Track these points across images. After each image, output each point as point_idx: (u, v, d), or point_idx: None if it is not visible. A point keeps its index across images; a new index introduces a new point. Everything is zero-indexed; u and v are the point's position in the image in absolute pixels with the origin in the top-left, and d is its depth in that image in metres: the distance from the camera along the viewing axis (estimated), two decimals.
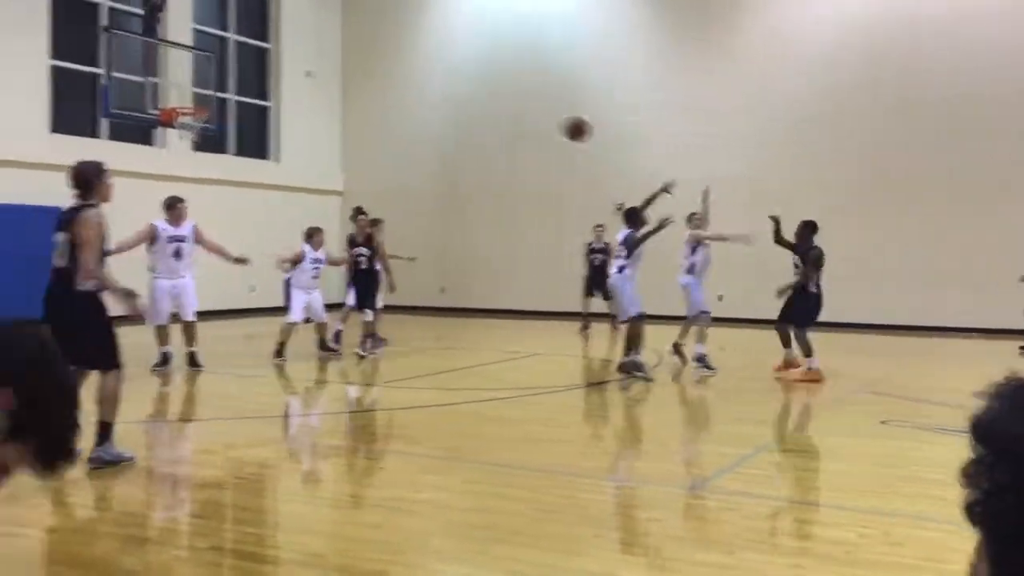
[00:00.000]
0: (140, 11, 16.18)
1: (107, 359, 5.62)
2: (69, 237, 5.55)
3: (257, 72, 19.89)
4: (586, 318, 15.71)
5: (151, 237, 10.48)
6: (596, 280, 15.60)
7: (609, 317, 14.93)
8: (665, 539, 4.32)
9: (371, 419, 7.74)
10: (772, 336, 10.67)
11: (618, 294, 10.60)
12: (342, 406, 8.69)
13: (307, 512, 5.08)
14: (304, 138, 20.39)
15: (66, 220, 5.66)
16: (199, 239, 10.54)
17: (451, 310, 19.00)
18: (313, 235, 12.21)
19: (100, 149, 16.27)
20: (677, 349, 11.13)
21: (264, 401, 8.71)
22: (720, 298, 17.38)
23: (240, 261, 10.42)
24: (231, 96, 18.97)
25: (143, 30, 15.83)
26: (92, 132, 16.45)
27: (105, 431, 5.62)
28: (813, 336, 10.09)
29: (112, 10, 16.59)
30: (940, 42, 16.20)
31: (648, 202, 10.95)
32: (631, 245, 10.36)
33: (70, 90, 15.95)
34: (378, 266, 12.22)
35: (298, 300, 11.64)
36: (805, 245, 10.37)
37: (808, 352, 10.00)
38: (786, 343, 10.41)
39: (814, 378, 9.86)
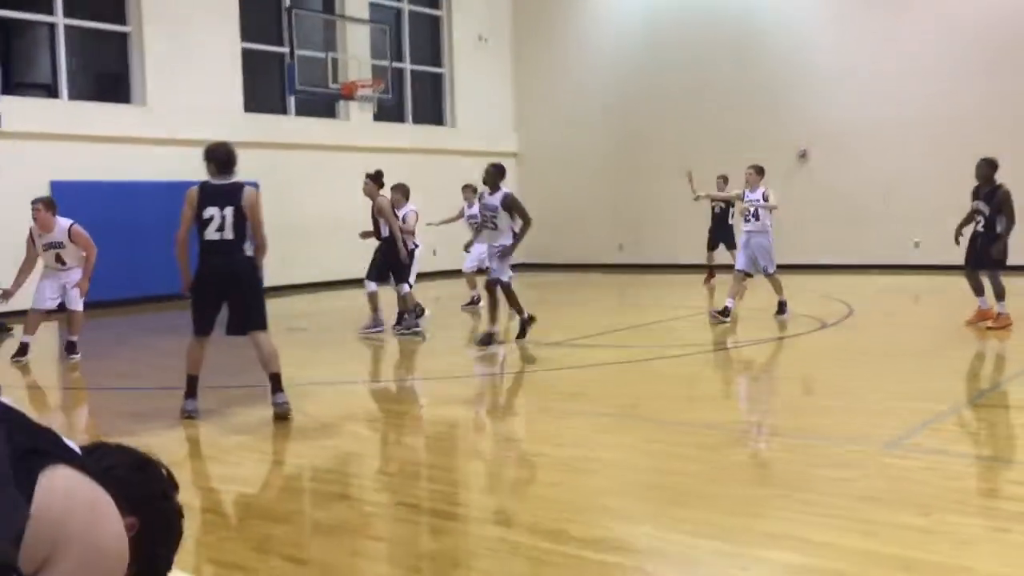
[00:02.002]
0: None
1: (265, 320, 6.29)
2: (236, 212, 6.09)
3: (431, 40, 20.28)
4: (711, 270, 15.44)
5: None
6: (718, 231, 15.26)
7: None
8: (856, 500, 4.14)
9: (550, 377, 7.81)
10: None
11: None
12: (523, 364, 8.82)
13: (490, 469, 5.20)
14: (478, 102, 20.67)
15: (228, 196, 6.14)
16: None
17: (629, 266, 18.90)
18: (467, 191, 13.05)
19: (289, 124, 17.15)
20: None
21: (450, 360, 8.96)
22: (916, 244, 16.43)
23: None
24: (407, 65, 19.45)
25: (323, 7, 16.46)
26: (281, 109, 17.31)
27: (277, 381, 6.23)
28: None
29: None
30: None
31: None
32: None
33: (260, 70, 16.82)
34: (411, 240, 10.90)
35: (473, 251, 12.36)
36: (989, 186, 9.72)
37: (1001, 295, 9.45)
38: (978, 291, 9.77)
39: (1005, 324, 9.37)
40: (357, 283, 11.48)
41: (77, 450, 1.43)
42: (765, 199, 10.81)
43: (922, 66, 16.35)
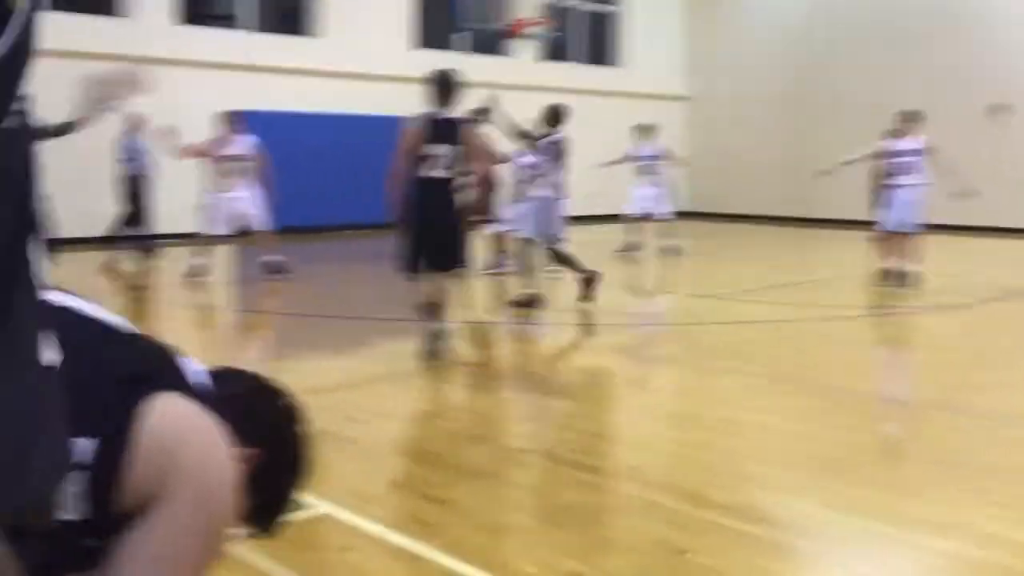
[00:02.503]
0: None
1: (464, 261, 6.16)
2: (456, 150, 5.71)
3: None
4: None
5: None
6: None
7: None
8: None
9: (705, 332, 7.59)
10: None
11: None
12: (677, 316, 8.62)
13: (634, 424, 5.10)
14: (649, 43, 20.12)
15: (449, 132, 5.73)
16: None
17: (798, 220, 18.13)
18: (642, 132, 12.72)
19: (454, 62, 17.19)
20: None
21: (600, 306, 8.85)
22: None
23: None
24: (576, 3, 19.11)
25: None
26: (448, 46, 17.39)
27: (437, 312, 6.11)
28: None
29: None
30: None
31: None
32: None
33: (429, 6, 16.91)
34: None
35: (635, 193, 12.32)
36: None
37: None
38: None
39: None
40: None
41: (199, 371, 1.40)
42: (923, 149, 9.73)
43: None
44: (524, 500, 3.84)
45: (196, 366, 1.42)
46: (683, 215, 19.63)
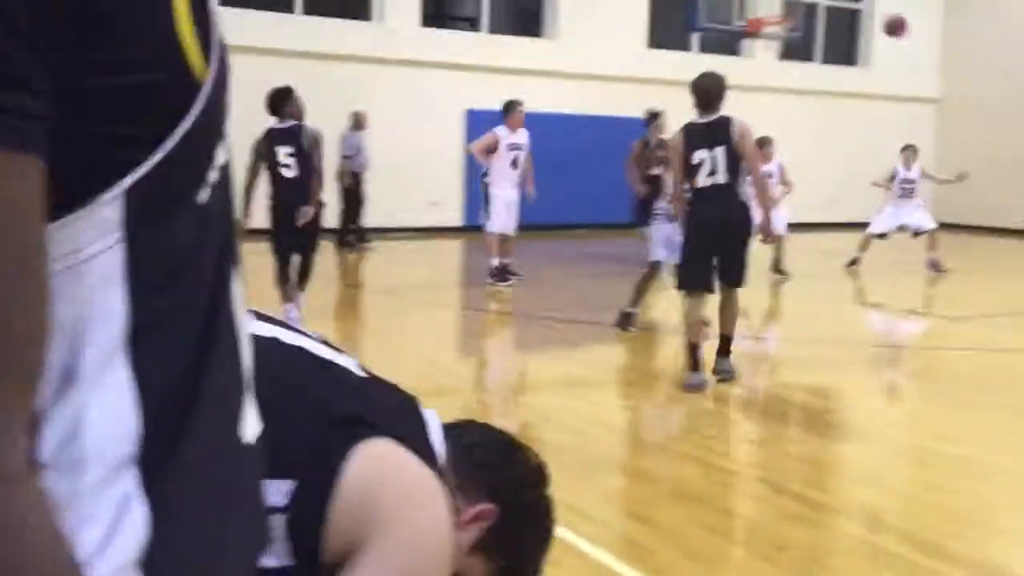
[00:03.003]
0: None
1: (744, 277, 5.60)
2: (727, 151, 5.37)
3: None
4: None
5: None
6: None
7: None
8: None
9: (953, 358, 6.99)
10: None
11: None
12: (917, 339, 8.01)
13: (868, 459, 4.74)
14: (900, 42, 18.86)
15: (716, 134, 5.41)
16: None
17: None
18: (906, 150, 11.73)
19: (691, 62, 16.86)
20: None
21: (843, 321, 8.38)
22: None
23: None
24: (821, 0, 18.24)
25: None
26: (684, 46, 17.10)
27: (727, 344, 5.70)
28: None
29: None
30: None
31: None
32: None
33: (665, 5, 16.70)
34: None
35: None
36: None
37: None
38: None
39: None
40: None
41: (433, 422, 1.37)
42: None
43: None
44: (738, 530, 3.67)
45: (434, 417, 1.40)
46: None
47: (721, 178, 5.37)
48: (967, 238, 16.95)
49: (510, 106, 9.57)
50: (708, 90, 5.51)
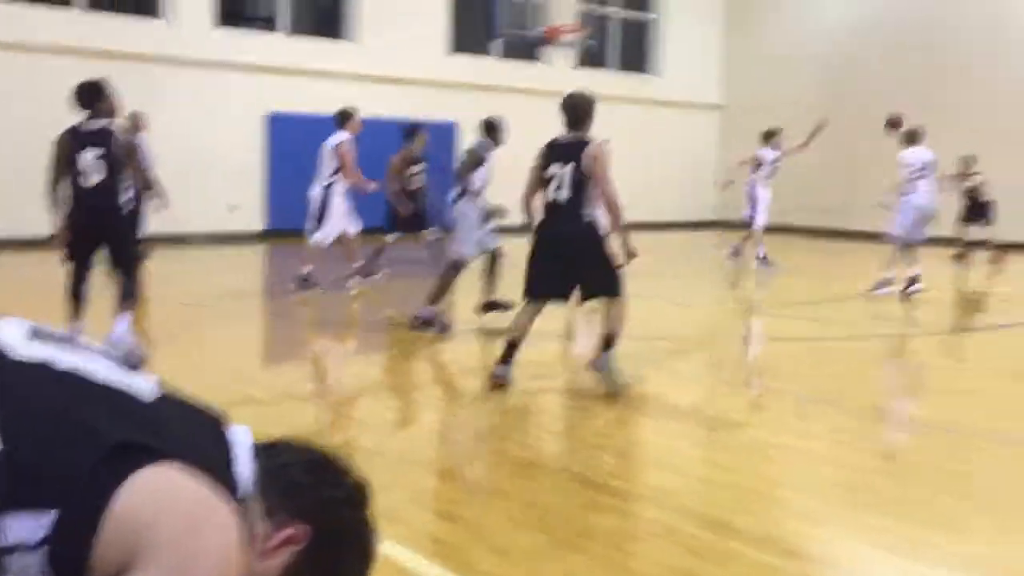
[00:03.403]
0: None
1: (617, 285, 5.61)
2: (576, 169, 5.43)
3: None
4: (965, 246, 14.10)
5: None
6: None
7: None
8: None
9: (740, 349, 7.45)
10: None
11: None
12: (713, 331, 8.47)
13: (666, 445, 4.97)
14: (685, 51, 19.97)
15: (568, 152, 5.49)
16: None
17: (836, 232, 17.86)
18: (770, 136, 12.49)
19: (491, 67, 17.18)
20: None
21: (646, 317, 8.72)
22: None
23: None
24: (614, 10, 19.01)
25: None
26: (485, 51, 17.35)
27: (610, 343, 5.65)
28: None
29: None
30: None
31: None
32: None
33: (467, 12, 16.89)
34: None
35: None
36: None
37: None
38: None
39: None
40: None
41: (240, 443, 1.31)
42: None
43: None
44: (544, 521, 3.75)
45: (243, 437, 1.33)
46: (711, 224, 19.44)
47: (564, 194, 5.47)
48: (787, 238, 18.11)
49: (350, 113, 9.62)
50: (575, 107, 5.59)
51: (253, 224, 14.69)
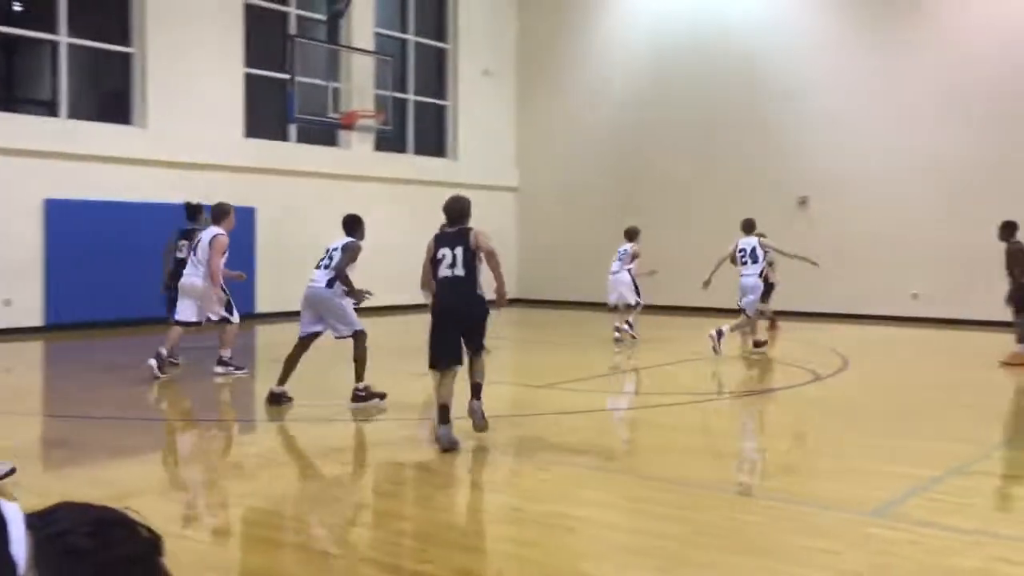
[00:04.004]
0: (324, 18, 16.85)
1: (483, 345, 6.80)
2: (465, 252, 6.58)
3: (435, 72, 20.31)
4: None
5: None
6: None
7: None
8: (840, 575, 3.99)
9: (533, 423, 7.65)
10: (976, 338, 9.94)
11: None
12: (506, 408, 8.66)
13: (464, 524, 5.04)
14: (480, 136, 20.66)
15: (456, 239, 6.66)
16: None
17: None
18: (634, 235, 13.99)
19: (289, 152, 17.11)
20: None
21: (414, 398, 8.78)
22: (915, 296, 16.30)
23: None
24: (410, 96, 19.45)
25: (327, 37, 16.46)
26: (282, 136, 17.27)
27: (478, 391, 6.77)
28: None
29: (299, 18, 17.34)
30: None
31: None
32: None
33: (262, 96, 16.80)
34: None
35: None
36: (1008, 244, 11.05)
37: (1021, 339, 11.05)
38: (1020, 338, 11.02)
39: (1018, 362, 10.75)
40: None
41: (12, 516, 1.25)
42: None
43: (925, 116, 16.34)
44: None
45: (13, 511, 1.27)
46: (510, 302, 19.89)
47: (460, 272, 6.56)
48: (544, 312, 18.75)
49: (227, 209, 9.83)
50: (456, 210, 6.90)
51: (31, 318, 13.76)
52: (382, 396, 8.23)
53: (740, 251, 11.92)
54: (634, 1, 19.75)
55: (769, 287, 14.42)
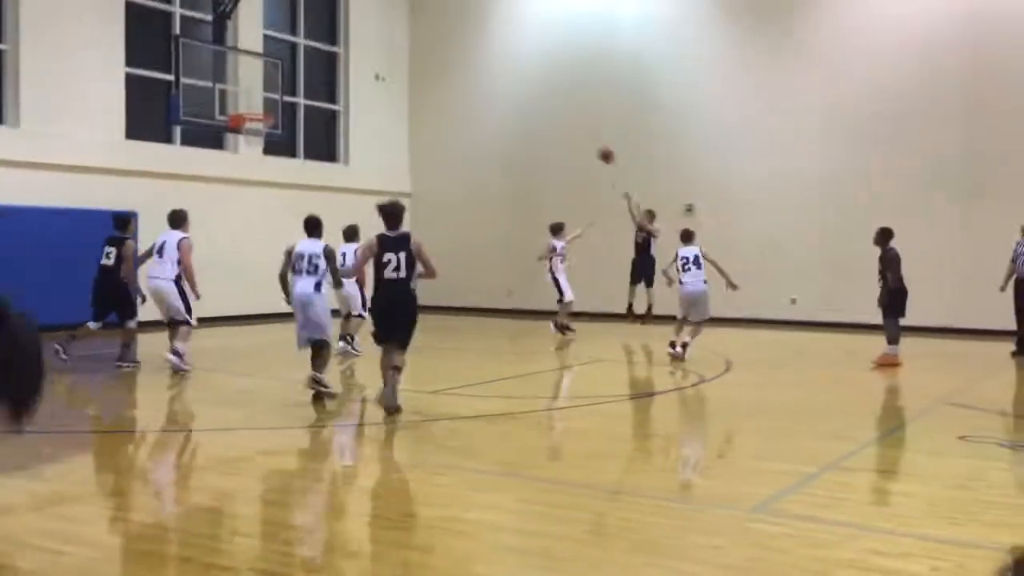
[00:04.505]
0: (210, 19, 16.45)
1: (408, 340, 8.06)
2: (408, 256, 7.81)
3: (326, 76, 20.07)
4: (631, 307, 15.33)
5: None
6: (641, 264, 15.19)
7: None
8: (721, 569, 4.12)
9: (425, 428, 7.65)
10: (849, 341, 10.41)
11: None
12: (401, 414, 8.63)
13: (356, 531, 5.00)
14: (373, 141, 20.51)
15: (400, 244, 7.88)
16: None
17: (518, 312, 18.87)
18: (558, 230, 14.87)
19: (172, 155, 16.61)
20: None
21: (317, 408, 8.68)
22: (793, 301, 16.95)
23: None
24: (300, 100, 19.17)
25: (213, 38, 16.07)
26: (166, 138, 16.77)
27: (397, 372, 7.92)
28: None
29: (184, 18, 16.88)
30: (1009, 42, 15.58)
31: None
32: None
33: (144, 97, 16.27)
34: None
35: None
36: (884, 249, 11.58)
37: (889, 340, 11.48)
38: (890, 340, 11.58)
39: (888, 362, 11.34)
40: (226, 320, 11.12)
41: None
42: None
43: (807, 130, 17.01)
44: None
45: None
46: (428, 308, 19.82)
47: (403, 274, 7.80)
48: (437, 317, 18.73)
49: (185, 213, 10.83)
50: (396, 215, 8.07)
51: None
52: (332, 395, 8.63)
53: (683, 259, 12.00)
54: (524, 7, 19.96)
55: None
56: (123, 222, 11.10)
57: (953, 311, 15.45)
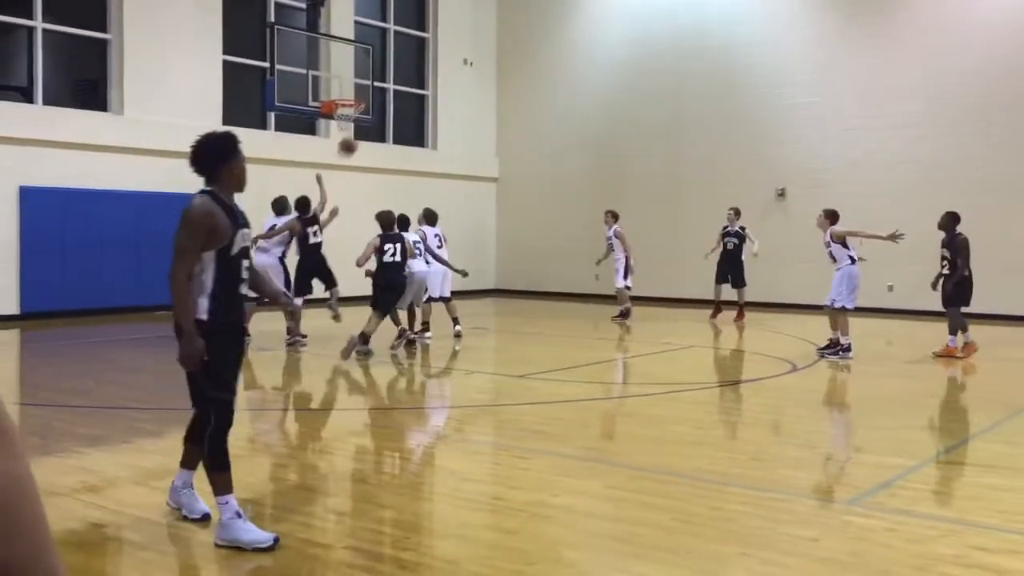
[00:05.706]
0: (304, 6, 16.74)
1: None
2: (402, 248, 10.54)
3: (416, 62, 20.24)
4: (717, 306, 15.21)
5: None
6: (728, 266, 15.07)
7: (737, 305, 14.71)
8: (817, 562, 4.03)
9: (514, 412, 7.67)
10: (947, 330, 10.12)
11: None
12: (488, 397, 8.69)
13: (446, 513, 5.05)
14: (460, 126, 20.62)
15: (395, 239, 10.56)
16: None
17: (607, 297, 18.75)
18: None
19: (268, 140, 16.99)
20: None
21: (405, 389, 8.81)
22: (890, 288, 16.46)
23: None
24: (390, 86, 19.38)
25: (307, 25, 16.34)
26: (261, 124, 17.15)
27: (366, 339, 10.30)
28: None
29: (279, 5, 17.21)
30: None
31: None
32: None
33: (241, 84, 16.67)
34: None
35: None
36: (951, 234, 11.10)
37: (952, 330, 10.95)
38: (950, 330, 11.00)
39: (950, 353, 10.88)
40: (317, 302, 11.33)
41: None
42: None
43: (902, 112, 16.46)
44: None
45: None
46: (490, 292, 19.99)
47: (398, 259, 10.46)
48: (524, 302, 18.77)
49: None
50: (391, 222, 10.69)
51: (7, 307, 13.63)
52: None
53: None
54: None
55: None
56: (303, 204, 11.88)
57: None
